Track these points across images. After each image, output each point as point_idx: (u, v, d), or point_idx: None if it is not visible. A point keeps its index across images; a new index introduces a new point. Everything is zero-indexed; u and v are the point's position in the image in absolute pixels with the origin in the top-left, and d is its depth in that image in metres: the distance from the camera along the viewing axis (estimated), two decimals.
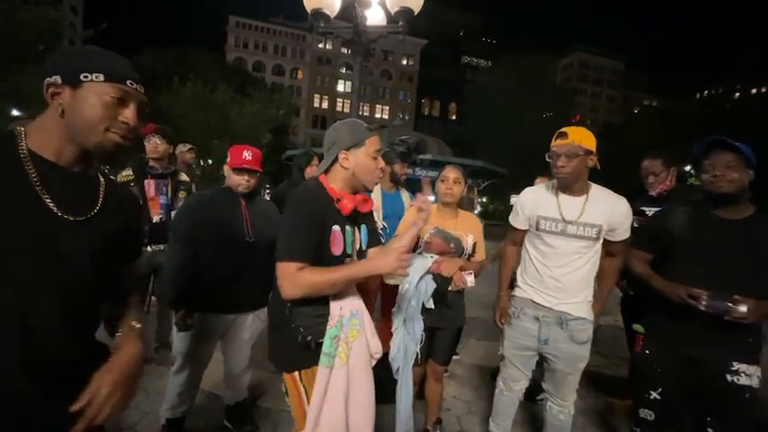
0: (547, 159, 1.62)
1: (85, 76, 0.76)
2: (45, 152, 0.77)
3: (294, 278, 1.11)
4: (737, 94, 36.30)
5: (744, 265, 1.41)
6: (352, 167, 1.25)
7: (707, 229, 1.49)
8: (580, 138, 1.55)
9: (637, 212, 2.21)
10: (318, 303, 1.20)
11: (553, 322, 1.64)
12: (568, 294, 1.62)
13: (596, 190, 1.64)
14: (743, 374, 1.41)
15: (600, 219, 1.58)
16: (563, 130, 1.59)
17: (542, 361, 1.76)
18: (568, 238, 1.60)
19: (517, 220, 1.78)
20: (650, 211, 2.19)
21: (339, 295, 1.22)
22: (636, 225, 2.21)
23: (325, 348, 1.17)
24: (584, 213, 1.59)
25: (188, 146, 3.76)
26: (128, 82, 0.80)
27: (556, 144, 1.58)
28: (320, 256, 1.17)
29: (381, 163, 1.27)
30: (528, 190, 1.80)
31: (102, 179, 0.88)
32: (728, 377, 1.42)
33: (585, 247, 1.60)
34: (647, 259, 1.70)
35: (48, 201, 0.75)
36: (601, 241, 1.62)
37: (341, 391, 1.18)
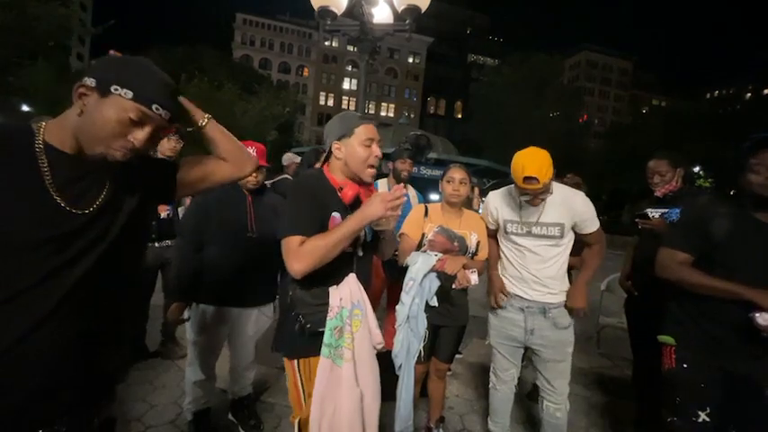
0: (521, 197, 1.65)
1: (116, 89, 0.75)
2: (63, 146, 0.78)
3: (297, 252, 1.12)
4: (749, 94, 35.66)
5: None
6: (344, 157, 1.26)
7: (751, 233, 1.33)
8: (546, 175, 1.52)
9: (641, 215, 2.18)
10: (318, 292, 1.21)
11: (537, 311, 1.73)
12: (548, 287, 1.72)
13: (555, 190, 1.69)
14: None
15: (560, 217, 1.66)
16: (528, 173, 1.51)
17: (533, 356, 1.80)
18: (535, 238, 1.70)
19: (486, 219, 1.92)
20: (655, 212, 2.15)
21: (338, 285, 1.22)
22: (639, 227, 2.18)
23: (326, 339, 1.18)
24: (543, 214, 1.67)
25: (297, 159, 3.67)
26: (153, 106, 0.79)
27: (527, 188, 1.55)
28: None
29: (376, 151, 1.25)
30: (492, 194, 1.87)
31: (108, 172, 0.85)
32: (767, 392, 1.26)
33: (553, 244, 1.69)
34: (688, 262, 1.43)
35: (55, 195, 0.76)
36: (568, 237, 1.70)
37: (352, 385, 1.19)
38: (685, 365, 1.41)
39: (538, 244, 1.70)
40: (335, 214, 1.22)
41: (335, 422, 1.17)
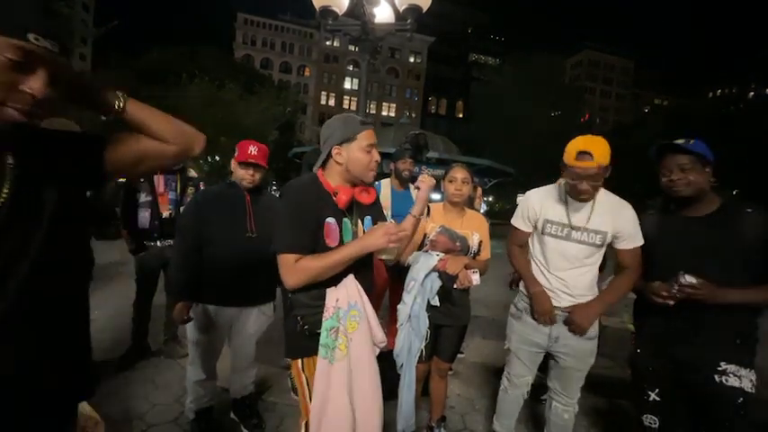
0: (570, 181, 1.53)
1: None
2: None
3: (293, 269, 1.16)
4: (751, 93, 35.52)
5: (717, 261, 1.36)
6: (345, 162, 1.25)
7: (675, 229, 1.48)
8: (603, 157, 1.45)
9: None
10: (315, 294, 1.21)
11: (564, 319, 1.64)
12: (576, 297, 1.62)
13: (603, 195, 1.61)
14: (731, 375, 1.34)
15: (605, 226, 1.57)
16: (583, 148, 1.45)
17: (548, 359, 1.76)
18: (572, 243, 1.61)
19: (520, 221, 1.76)
20: None
21: (336, 286, 1.22)
22: None
23: (322, 340, 1.19)
24: (591, 220, 1.58)
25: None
26: (30, 36, 0.57)
27: (579, 165, 1.46)
28: (316, 248, 1.20)
29: (376, 156, 1.27)
30: (534, 192, 1.75)
31: (6, 155, 0.65)
32: (716, 377, 1.35)
33: (588, 253, 1.60)
34: None
35: None
36: (603, 249, 1.61)
37: (343, 384, 1.19)
38: (639, 351, 1.58)
39: (572, 250, 1.60)
40: (330, 220, 1.22)
41: (327, 423, 1.18)
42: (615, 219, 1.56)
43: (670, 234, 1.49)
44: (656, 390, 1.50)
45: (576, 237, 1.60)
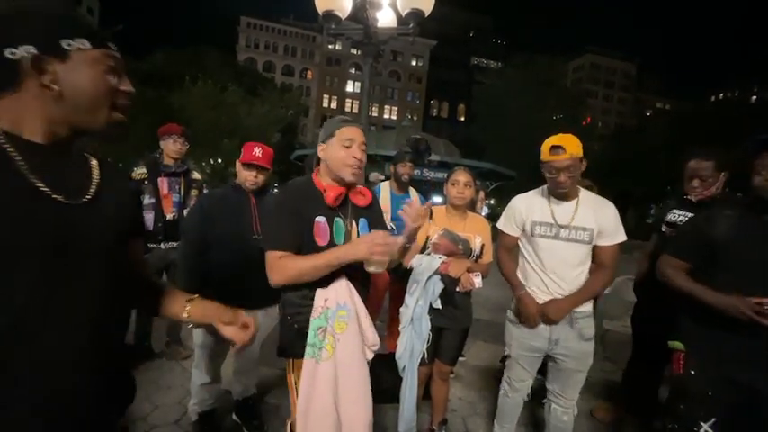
0: (548, 175, 1.61)
1: (69, 44, 0.62)
2: (24, 133, 0.63)
3: (276, 266, 1.19)
4: (754, 97, 35.47)
5: None
6: (326, 159, 1.31)
7: (757, 235, 1.30)
8: (575, 149, 1.54)
9: (669, 223, 2.03)
10: (305, 293, 1.23)
11: (563, 321, 1.65)
12: None
13: (584, 194, 1.68)
14: None
15: (590, 222, 1.61)
16: (556, 143, 1.55)
17: (547, 362, 1.76)
18: (562, 242, 1.63)
19: (508, 226, 1.80)
20: (683, 215, 1.97)
21: (325, 286, 1.23)
22: (663, 231, 2.06)
23: (309, 339, 1.20)
24: (576, 217, 1.62)
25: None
26: (110, 44, 0.68)
27: (553, 159, 1.55)
28: (306, 246, 1.21)
29: (354, 152, 1.27)
30: (519, 197, 1.82)
31: (90, 158, 0.74)
32: None
33: (579, 251, 1.62)
34: (684, 268, 1.47)
35: (40, 185, 0.61)
36: (592, 246, 1.63)
37: (328, 384, 1.19)
38: (693, 372, 1.38)
39: (563, 250, 1.62)
40: (319, 219, 1.24)
41: (312, 423, 1.18)
42: (598, 215, 1.62)
43: (752, 239, 1.31)
44: (712, 420, 1.30)
45: (565, 235, 1.63)
